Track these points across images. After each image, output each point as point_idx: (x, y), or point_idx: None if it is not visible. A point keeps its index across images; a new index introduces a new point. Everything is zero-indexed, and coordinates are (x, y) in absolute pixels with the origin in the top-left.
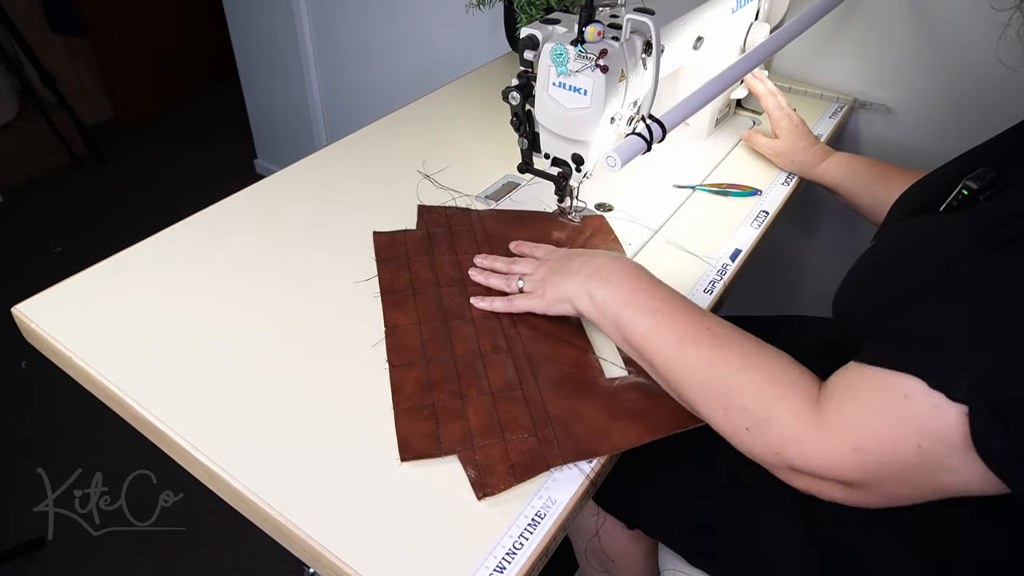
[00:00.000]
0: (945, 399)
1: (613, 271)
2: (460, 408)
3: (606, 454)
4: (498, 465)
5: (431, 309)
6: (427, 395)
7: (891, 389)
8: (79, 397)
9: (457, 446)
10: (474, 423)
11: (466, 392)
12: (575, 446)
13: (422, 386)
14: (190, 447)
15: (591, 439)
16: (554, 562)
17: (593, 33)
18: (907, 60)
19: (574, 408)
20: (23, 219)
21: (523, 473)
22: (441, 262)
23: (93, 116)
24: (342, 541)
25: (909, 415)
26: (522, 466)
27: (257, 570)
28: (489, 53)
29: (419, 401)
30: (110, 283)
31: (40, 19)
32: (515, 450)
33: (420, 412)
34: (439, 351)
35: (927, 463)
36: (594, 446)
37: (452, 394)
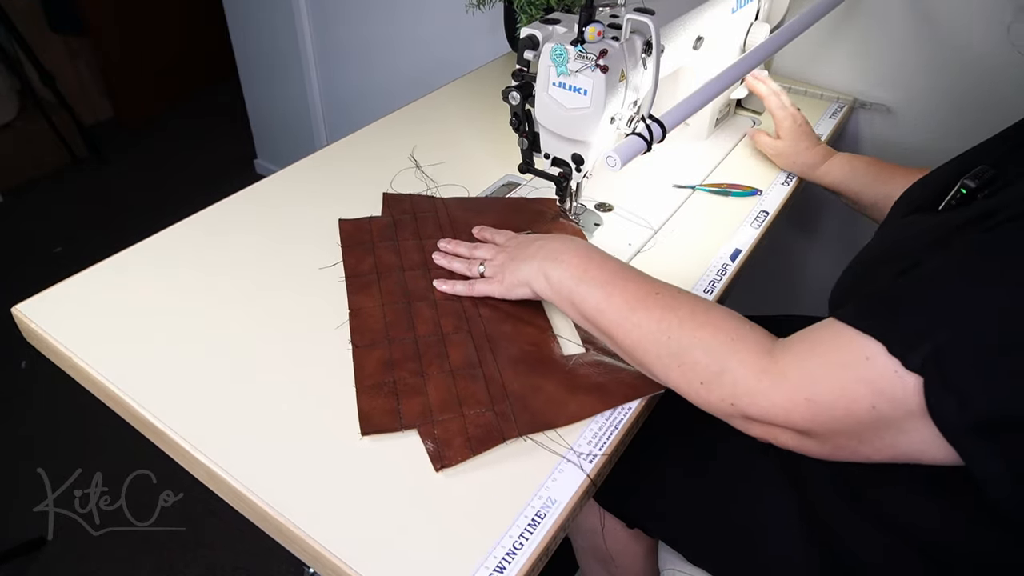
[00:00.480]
0: (902, 366)
1: (566, 251)
2: (420, 385)
3: (563, 425)
4: (455, 438)
5: (395, 292)
6: (388, 373)
7: (855, 349)
8: (79, 397)
9: (416, 421)
10: (433, 399)
11: (427, 370)
12: (532, 419)
13: (383, 365)
14: (190, 447)
15: (548, 412)
16: (554, 562)
17: (593, 33)
18: (907, 60)
19: (532, 383)
20: (23, 219)
21: (478, 445)
22: (405, 247)
23: (93, 116)
24: (342, 541)
25: (868, 376)
26: (478, 439)
27: (257, 570)
28: (489, 53)
29: (380, 379)
30: (110, 283)
31: (40, 19)
32: (472, 424)
33: (381, 389)
34: (402, 332)
35: (880, 423)
36: (550, 418)
37: (413, 372)
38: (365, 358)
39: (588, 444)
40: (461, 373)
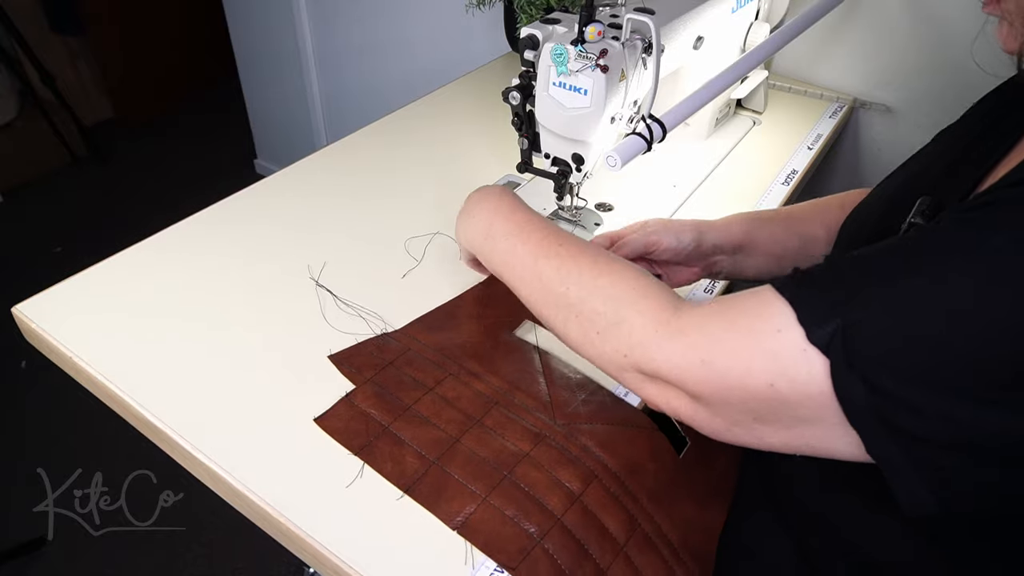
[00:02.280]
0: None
1: (478, 204)
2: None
3: (714, 548)
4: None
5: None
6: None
7: (768, 316)
8: (79, 397)
9: None
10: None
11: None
12: (701, 569)
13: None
14: (190, 447)
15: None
16: None
17: (593, 33)
18: (907, 60)
19: (679, 514)
20: (23, 219)
21: None
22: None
23: (93, 116)
24: (342, 541)
25: (773, 348)
26: None
27: (257, 570)
28: (489, 53)
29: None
30: (110, 283)
31: (40, 19)
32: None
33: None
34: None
35: (775, 402)
36: (707, 548)
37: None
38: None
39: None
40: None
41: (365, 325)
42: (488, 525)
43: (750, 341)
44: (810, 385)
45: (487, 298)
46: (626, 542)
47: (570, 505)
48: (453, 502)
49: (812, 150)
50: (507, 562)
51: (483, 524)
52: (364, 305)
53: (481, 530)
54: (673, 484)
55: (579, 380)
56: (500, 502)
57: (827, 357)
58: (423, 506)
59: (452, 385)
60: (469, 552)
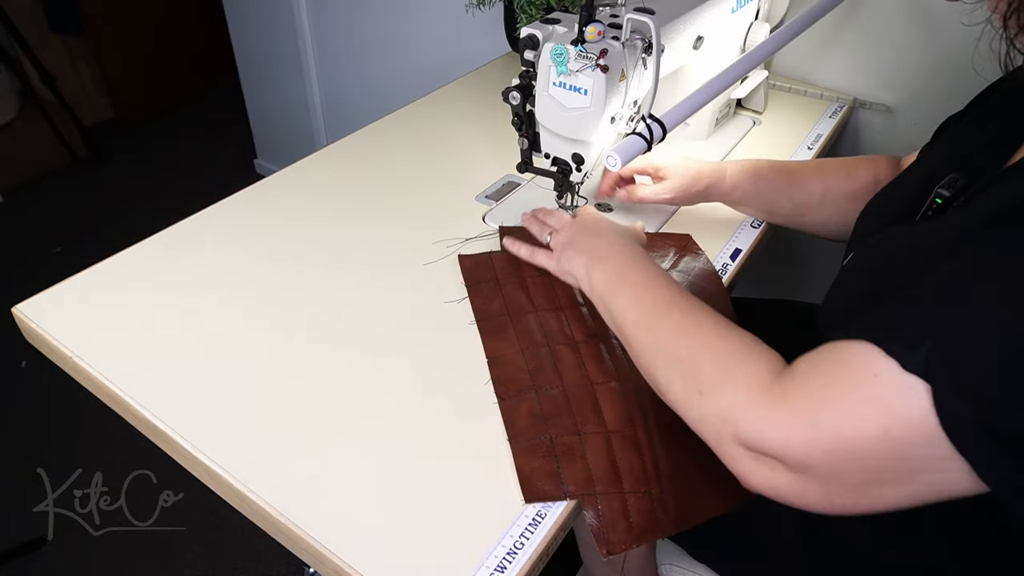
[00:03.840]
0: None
1: (611, 253)
2: (578, 445)
3: (701, 522)
4: (620, 521)
5: (532, 335)
6: (542, 429)
7: (859, 364)
8: (79, 397)
9: (581, 489)
10: (593, 465)
11: (582, 428)
12: (680, 514)
13: (536, 419)
14: (190, 447)
15: (690, 506)
16: (555, 562)
17: (593, 33)
18: (907, 60)
19: (680, 462)
20: (23, 219)
21: (641, 535)
22: (532, 285)
23: (93, 116)
24: (342, 541)
25: (876, 393)
26: (640, 528)
27: (257, 570)
28: (489, 53)
29: (535, 435)
30: (110, 283)
31: (40, 19)
32: (635, 508)
33: (537, 449)
34: (547, 381)
35: (893, 452)
36: (693, 514)
37: (568, 430)
38: (514, 411)
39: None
40: (617, 435)
41: (366, 325)
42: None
43: (853, 392)
44: (926, 420)
45: None
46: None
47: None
48: None
49: (812, 150)
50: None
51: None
52: (364, 305)
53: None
54: (687, 434)
55: None
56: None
57: (928, 383)
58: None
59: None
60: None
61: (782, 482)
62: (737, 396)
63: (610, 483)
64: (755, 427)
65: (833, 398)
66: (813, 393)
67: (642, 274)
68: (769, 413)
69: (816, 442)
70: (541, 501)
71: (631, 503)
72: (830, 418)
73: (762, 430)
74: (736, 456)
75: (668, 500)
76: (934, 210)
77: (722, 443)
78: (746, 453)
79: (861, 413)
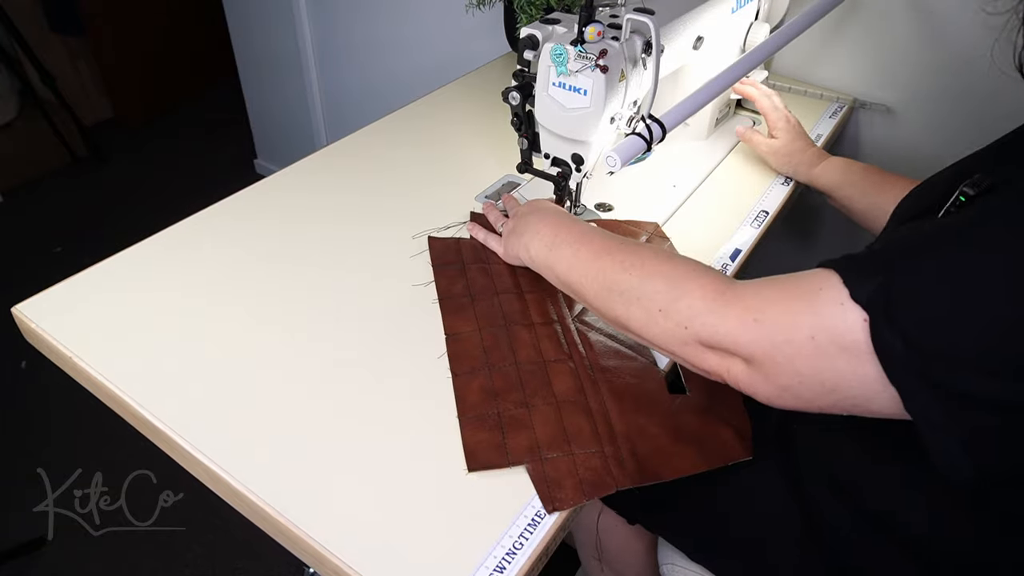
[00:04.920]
0: (849, 298)
1: (540, 222)
2: (525, 417)
3: (668, 479)
4: (566, 479)
5: (491, 315)
6: (492, 404)
7: (812, 280)
8: (79, 397)
9: (525, 457)
10: (540, 434)
11: (531, 401)
12: (639, 468)
13: (486, 394)
14: (190, 447)
15: (654, 461)
16: (554, 562)
17: (593, 33)
18: (907, 60)
19: (637, 424)
20: (23, 219)
21: (591, 490)
22: (497, 269)
23: (93, 116)
24: (342, 541)
25: (814, 304)
26: (590, 483)
27: (257, 570)
28: (489, 53)
29: (484, 411)
30: (110, 283)
31: (40, 19)
32: (583, 466)
33: (485, 421)
34: (501, 359)
35: (817, 355)
36: (656, 470)
37: (517, 403)
38: (466, 387)
39: None
40: (567, 405)
41: (367, 326)
42: (465, 347)
43: (796, 300)
44: (846, 336)
45: None
46: (565, 399)
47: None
48: None
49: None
50: (456, 369)
51: (464, 347)
52: (364, 306)
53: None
54: (648, 403)
55: None
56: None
57: (866, 312)
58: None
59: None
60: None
61: (737, 371)
62: (694, 303)
63: (557, 448)
64: (712, 326)
65: (779, 300)
66: (765, 296)
67: (574, 231)
68: (724, 312)
69: (759, 336)
70: (484, 469)
71: (579, 462)
72: (771, 316)
73: (717, 327)
74: (699, 355)
75: (625, 456)
76: (958, 207)
77: (687, 346)
78: (707, 350)
79: (796, 318)
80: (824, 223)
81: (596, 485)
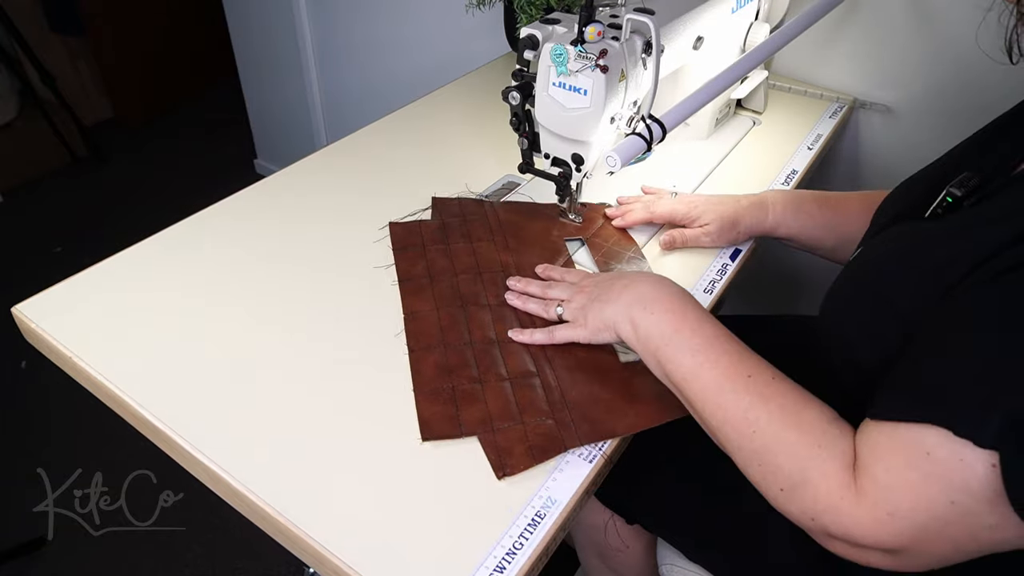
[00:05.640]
0: (970, 448)
1: (658, 300)
2: (478, 392)
3: (623, 434)
4: (516, 447)
5: (448, 296)
6: (446, 379)
7: (911, 444)
8: (79, 397)
9: (477, 428)
10: (492, 407)
11: (484, 377)
12: (592, 428)
13: (441, 370)
14: (190, 447)
15: (607, 421)
16: (554, 562)
17: (593, 33)
18: (907, 60)
19: (591, 392)
20: (23, 219)
21: (540, 454)
22: (456, 250)
23: (93, 116)
24: (342, 541)
25: (935, 471)
26: (540, 447)
27: (257, 570)
28: (489, 53)
29: (439, 385)
30: (110, 283)
31: (40, 19)
32: (533, 432)
33: (440, 395)
34: (457, 337)
35: (964, 518)
36: (610, 427)
37: (470, 379)
38: (422, 362)
39: (589, 444)
40: (519, 381)
41: (367, 326)
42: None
43: (914, 474)
44: (984, 488)
45: None
46: (518, 375)
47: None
48: None
49: (812, 150)
50: (413, 345)
51: (422, 322)
52: (364, 306)
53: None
54: (601, 371)
55: None
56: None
57: (992, 450)
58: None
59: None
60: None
61: (878, 560)
62: (818, 500)
63: (509, 419)
64: (843, 528)
65: (899, 484)
66: (882, 483)
67: (699, 334)
68: (853, 515)
69: (899, 530)
70: (437, 439)
71: (530, 430)
72: (904, 505)
73: (850, 529)
74: (830, 544)
75: (576, 420)
76: (944, 208)
77: (814, 535)
78: (839, 542)
79: (928, 493)
80: None
81: (545, 449)
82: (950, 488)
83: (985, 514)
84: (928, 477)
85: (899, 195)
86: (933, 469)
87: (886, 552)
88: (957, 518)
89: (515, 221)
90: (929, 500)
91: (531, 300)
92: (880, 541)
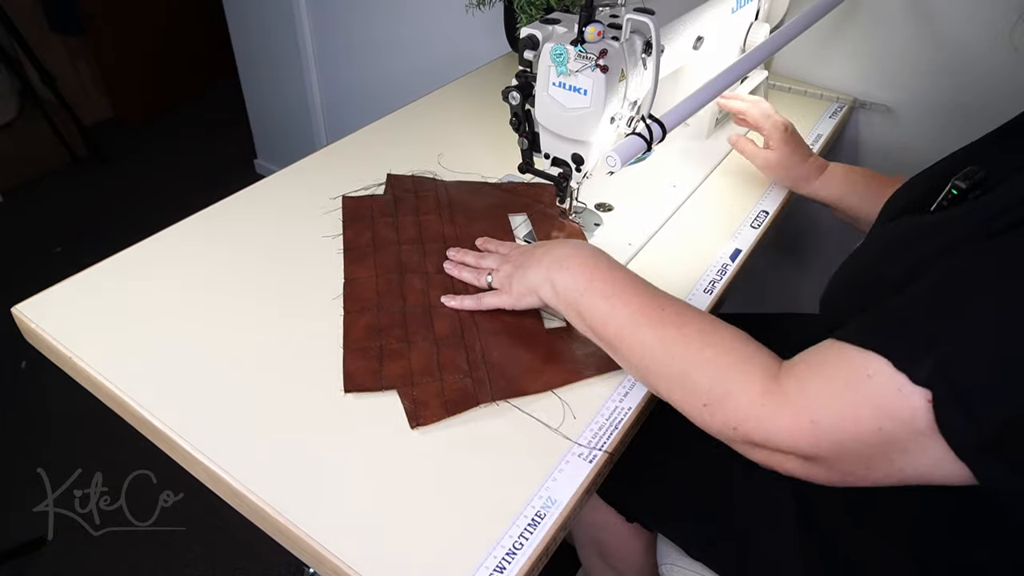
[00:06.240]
0: (908, 381)
1: (572, 258)
2: (404, 351)
3: (534, 392)
4: (432, 400)
5: (389, 264)
6: (375, 339)
7: (856, 366)
8: (79, 397)
9: (396, 382)
10: (415, 364)
11: (411, 338)
12: (507, 385)
13: (371, 330)
14: (190, 447)
15: (522, 379)
16: (554, 562)
17: (593, 33)
18: (907, 60)
19: (512, 354)
20: (23, 219)
21: (453, 407)
22: (403, 223)
23: (93, 116)
24: (342, 541)
25: (872, 394)
26: (453, 401)
27: (257, 570)
28: (489, 53)
29: (366, 343)
30: (110, 283)
31: (40, 19)
32: (450, 388)
33: (366, 352)
34: (391, 301)
35: (887, 445)
36: (524, 385)
37: (398, 339)
38: (354, 323)
39: (588, 442)
40: (445, 343)
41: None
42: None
43: (850, 393)
44: (915, 420)
45: None
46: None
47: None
48: None
49: (812, 150)
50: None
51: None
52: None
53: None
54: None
55: None
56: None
57: (928, 388)
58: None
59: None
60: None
61: (793, 466)
62: (740, 407)
63: (429, 375)
64: (763, 432)
65: (829, 397)
66: (814, 394)
67: (611, 280)
68: (774, 418)
69: (819, 439)
70: (359, 391)
71: (447, 386)
72: (829, 417)
73: (770, 433)
74: (749, 452)
75: (494, 377)
76: (950, 200)
77: (735, 444)
78: (758, 448)
79: (858, 413)
80: (827, 212)
81: (459, 403)
82: (882, 414)
83: (909, 443)
84: (863, 399)
85: (906, 191)
86: (870, 392)
87: (802, 459)
88: (879, 442)
89: (463, 200)
90: (857, 419)
91: (466, 269)
92: (798, 447)
